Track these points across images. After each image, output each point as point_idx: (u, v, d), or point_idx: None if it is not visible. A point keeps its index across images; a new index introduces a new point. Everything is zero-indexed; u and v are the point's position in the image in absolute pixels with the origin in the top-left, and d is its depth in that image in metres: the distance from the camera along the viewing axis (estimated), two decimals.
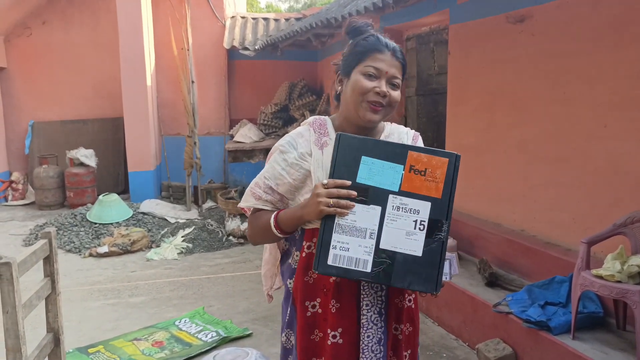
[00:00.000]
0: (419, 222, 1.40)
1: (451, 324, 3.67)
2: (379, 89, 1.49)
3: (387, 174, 1.41)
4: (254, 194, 1.61)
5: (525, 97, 3.69)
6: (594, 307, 2.94)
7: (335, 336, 1.52)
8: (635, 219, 2.72)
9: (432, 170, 1.40)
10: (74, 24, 8.66)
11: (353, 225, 1.39)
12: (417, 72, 5.53)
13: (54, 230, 2.43)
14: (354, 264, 1.39)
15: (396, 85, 1.53)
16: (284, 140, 1.62)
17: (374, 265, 1.39)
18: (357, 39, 1.57)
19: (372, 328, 1.52)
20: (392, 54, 1.53)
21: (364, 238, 1.39)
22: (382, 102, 1.51)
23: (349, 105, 1.55)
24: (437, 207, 1.40)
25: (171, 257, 5.77)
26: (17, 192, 8.50)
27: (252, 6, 17.94)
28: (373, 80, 1.51)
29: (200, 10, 8.45)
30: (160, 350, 3.54)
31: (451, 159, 1.41)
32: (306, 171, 1.55)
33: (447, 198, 1.41)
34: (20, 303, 2.00)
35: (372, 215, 1.40)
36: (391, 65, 1.52)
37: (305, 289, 1.56)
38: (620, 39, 2.95)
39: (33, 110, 8.70)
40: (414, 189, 1.40)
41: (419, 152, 1.42)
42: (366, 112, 1.51)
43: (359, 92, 1.51)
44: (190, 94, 7.62)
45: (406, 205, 1.40)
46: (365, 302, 1.52)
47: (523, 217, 3.77)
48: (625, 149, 2.95)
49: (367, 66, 1.51)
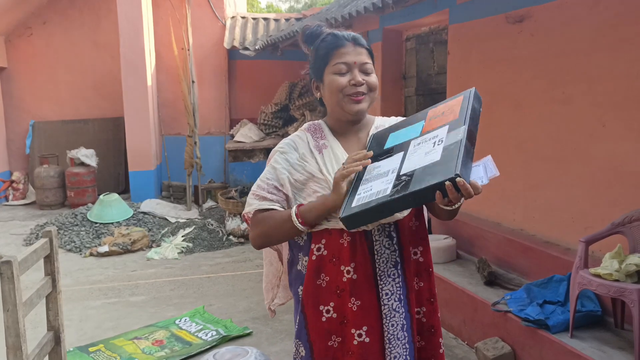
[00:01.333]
0: (438, 141, 1.36)
1: (450, 323, 3.68)
2: (354, 79, 1.51)
3: (409, 132, 1.49)
4: (258, 195, 1.56)
5: (524, 97, 3.70)
6: (592, 305, 2.95)
7: (360, 335, 1.48)
8: (634, 218, 2.73)
9: (449, 109, 1.44)
10: (74, 24, 8.67)
11: (377, 173, 1.42)
12: (417, 72, 5.54)
13: (54, 228, 2.45)
14: (375, 195, 1.34)
15: (370, 71, 1.56)
16: (284, 142, 1.61)
17: (393, 187, 1.33)
18: (315, 43, 1.59)
19: (394, 316, 1.49)
20: (353, 44, 1.55)
21: (387, 176, 1.39)
22: (362, 90, 1.53)
23: (334, 106, 1.57)
24: (454, 124, 1.37)
25: (171, 257, 5.78)
26: (18, 191, 8.51)
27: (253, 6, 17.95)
28: (345, 75, 1.53)
29: (201, 11, 8.46)
30: (161, 349, 3.56)
31: (466, 94, 1.44)
32: (307, 173, 1.54)
33: (465, 111, 1.37)
34: (20, 301, 2.01)
35: (394, 160, 1.42)
36: (357, 54, 1.54)
37: (317, 292, 1.52)
38: (620, 38, 2.96)
39: (34, 110, 8.72)
40: (433, 126, 1.43)
41: (438, 105, 1.50)
42: (351, 105, 1.53)
43: (337, 91, 1.53)
44: (191, 94, 7.63)
45: (425, 138, 1.42)
46: (385, 292, 1.50)
47: (522, 216, 3.77)
48: (624, 148, 2.96)
49: (335, 64, 1.53)
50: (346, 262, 1.49)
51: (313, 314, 1.53)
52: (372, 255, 1.50)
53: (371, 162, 1.47)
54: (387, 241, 1.51)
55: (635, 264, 2.54)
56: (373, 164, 1.46)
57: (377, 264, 1.50)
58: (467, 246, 4.18)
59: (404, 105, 5.77)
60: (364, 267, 1.49)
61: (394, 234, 1.52)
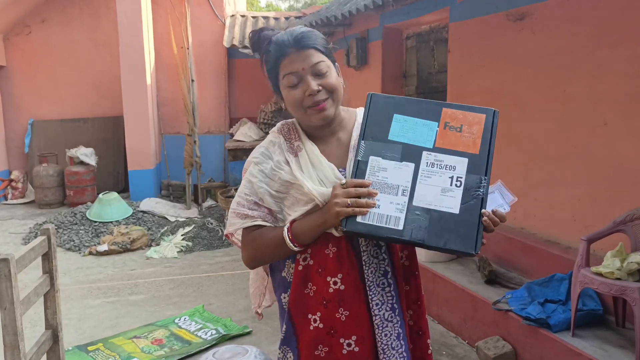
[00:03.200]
0: (456, 179, 1.30)
1: (451, 322, 3.66)
2: (309, 89, 1.40)
3: (420, 131, 1.34)
4: (239, 213, 1.48)
5: (525, 95, 3.69)
6: (594, 304, 2.93)
7: (350, 344, 1.43)
8: (635, 216, 2.72)
9: (468, 127, 1.34)
10: (73, 22, 8.66)
11: (384, 182, 1.31)
12: (417, 71, 5.53)
13: (52, 226, 2.43)
14: (384, 221, 1.28)
15: (323, 72, 1.42)
16: (257, 152, 1.53)
17: (406, 222, 1.28)
18: (262, 51, 1.50)
19: (387, 326, 1.44)
20: (296, 48, 1.41)
21: (396, 195, 1.30)
22: (321, 97, 1.41)
23: (300, 119, 1.50)
24: (474, 162, 1.31)
25: (171, 256, 5.76)
26: (17, 190, 8.49)
27: (252, 5, 17.93)
28: (298, 86, 1.41)
29: (200, 9, 8.45)
30: (160, 348, 3.54)
31: (489, 115, 1.35)
32: (285, 181, 1.45)
33: (486, 154, 1.32)
34: (18, 299, 2.00)
35: (404, 172, 1.32)
36: (303, 59, 1.41)
37: (305, 302, 1.46)
38: (621, 36, 2.95)
39: (33, 108, 8.70)
40: (450, 145, 1.33)
41: (454, 108, 1.36)
42: (314, 115, 1.43)
43: (296, 106, 1.43)
44: (190, 93, 7.62)
45: (441, 162, 1.32)
46: (375, 302, 1.44)
47: (523, 215, 3.76)
48: (625, 146, 2.95)
49: (284, 77, 1.43)
50: (332, 273, 1.43)
51: (302, 322, 1.48)
52: (360, 265, 1.44)
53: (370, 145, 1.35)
54: (375, 250, 1.45)
55: (637, 263, 2.53)
56: (377, 160, 1.34)
57: (365, 274, 1.44)
58: None
59: None
60: (352, 277, 1.43)
61: (382, 243, 1.45)
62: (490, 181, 1.33)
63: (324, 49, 1.46)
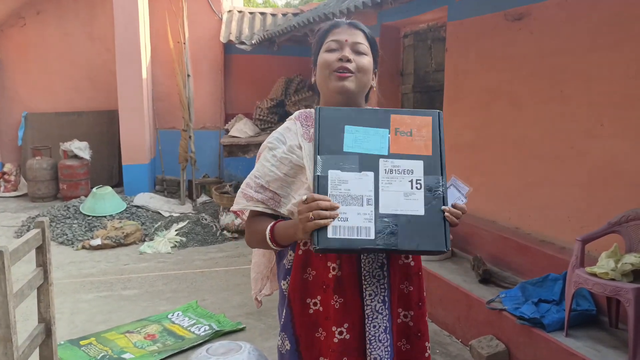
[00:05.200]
0: (415, 181, 1.36)
1: (445, 321, 3.67)
2: (342, 55, 1.50)
3: (373, 139, 1.38)
4: (245, 194, 1.54)
5: (522, 95, 3.69)
6: (587, 304, 2.94)
7: (342, 332, 1.46)
8: (630, 217, 2.73)
9: (417, 130, 1.40)
10: (69, 14, 8.58)
11: (348, 194, 1.33)
12: (414, 69, 5.52)
13: (47, 219, 2.41)
14: (356, 233, 1.31)
15: (362, 52, 1.53)
16: (272, 137, 1.58)
17: (377, 231, 1.31)
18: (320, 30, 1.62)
19: (377, 318, 1.47)
20: (349, 25, 1.55)
21: (362, 205, 1.33)
22: (349, 67, 1.50)
23: (322, 86, 1.56)
24: (430, 164, 1.38)
25: (165, 251, 5.74)
26: (10, 183, 8.43)
27: (250, 1, 17.88)
28: (335, 52, 1.52)
29: (197, 4, 8.40)
30: (153, 343, 3.53)
31: (434, 117, 1.42)
32: (296, 165, 1.49)
33: (438, 154, 1.39)
34: (11, 292, 1.98)
35: (365, 182, 1.35)
36: (350, 34, 1.53)
37: (304, 286, 1.50)
38: (618, 38, 2.96)
39: (27, 101, 8.63)
40: (404, 149, 1.38)
41: (402, 114, 1.41)
42: (336, 81, 1.50)
43: (325, 67, 1.52)
44: (186, 88, 7.58)
45: (398, 167, 1.37)
46: (369, 292, 1.47)
47: (518, 214, 3.77)
48: (622, 147, 2.96)
49: (327, 43, 1.54)
50: (332, 258, 1.47)
51: (300, 307, 1.51)
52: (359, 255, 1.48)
53: (327, 159, 1.35)
54: None
55: (631, 264, 2.54)
56: (337, 173, 1.35)
57: (362, 263, 1.47)
58: (462, 244, 4.17)
59: (400, 102, 5.76)
60: (349, 265, 1.47)
61: None
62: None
63: (371, 40, 1.59)
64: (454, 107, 4.47)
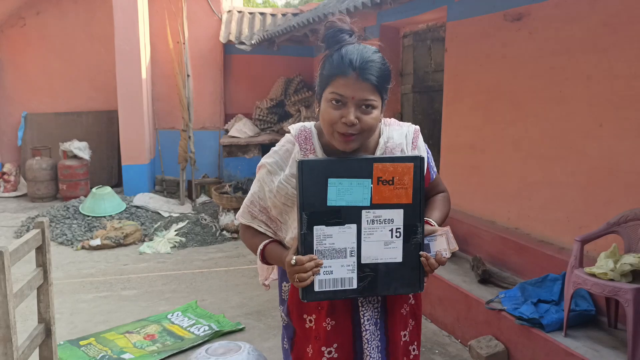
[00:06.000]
0: (395, 230, 1.42)
1: (444, 321, 3.67)
2: (346, 118, 1.38)
3: (356, 190, 1.40)
4: (251, 212, 1.63)
5: (521, 95, 3.70)
6: (586, 305, 2.95)
7: (330, 352, 1.54)
8: (629, 218, 2.73)
9: (399, 178, 1.41)
10: (68, 14, 8.58)
11: (332, 248, 1.41)
12: (414, 69, 5.53)
13: (46, 219, 2.41)
14: (340, 284, 1.41)
15: (370, 107, 1.40)
16: (272, 159, 1.57)
17: (359, 280, 1.42)
18: (330, 51, 1.46)
19: (373, 340, 1.53)
20: (357, 75, 1.38)
21: (345, 257, 1.41)
22: (352, 131, 1.40)
23: (325, 134, 1.48)
24: (409, 212, 1.42)
25: (164, 251, 5.75)
26: (9, 183, 8.43)
27: (249, 1, 17.88)
28: (339, 108, 1.40)
29: (197, 4, 8.40)
30: (152, 344, 3.53)
31: (416, 163, 1.41)
32: (292, 196, 1.50)
33: (418, 201, 1.42)
34: (11, 292, 1.98)
35: (348, 235, 1.41)
36: (357, 89, 1.38)
37: (301, 304, 1.56)
38: (617, 38, 2.96)
39: (26, 101, 8.63)
40: (385, 199, 1.41)
41: (384, 162, 1.41)
42: (339, 142, 1.43)
43: (328, 123, 1.42)
44: (186, 88, 7.58)
45: (380, 217, 1.41)
46: (367, 317, 1.53)
47: (517, 215, 3.77)
48: (621, 148, 2.96)
49: (331, 92, 1.40)
50: None
51: (298, 320, 1.60)
52: None
53: (312, 215, 1.39)
54: None
55: (630, 264, 2.54)
56: (321, 228, 1.39)
57: None
58: (462, 244, 4.17)
59: (400, 102, 5.76)
60: None
61: None
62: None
63: (383, 87, 1.44)
64: (454, 107, 4.47)
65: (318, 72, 1.51)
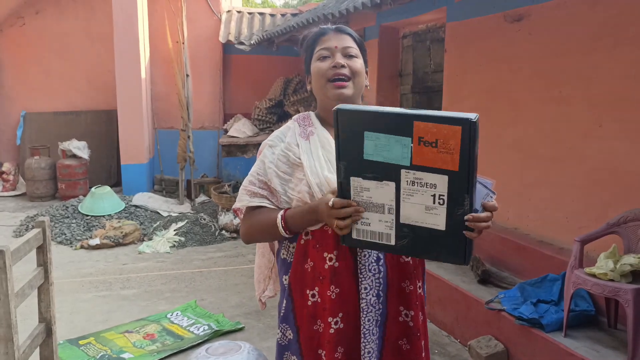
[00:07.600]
0: (438, 197, 1.27)
1: (443, 321, 3.68)
2: (335, 61, 1.54)
3: (394, 148, 1.27)
4: (249, 191, 1.58)
5: (521, 96, 3.70)
6: (586, 305, 2.95)
7: (337, 322, 1.50)
8: (629, 218, 2.74)
9: (444, 141, 1.22)
10: (68, 14, 8.58)
11: (370, 201, 1.32)
12: (413, 70, 5.53)
13: (47, 219, 2.41)
14: (377, 238, 1.35)
15: (353, 55, 1.57)
16: (273, 135, 1.64)
17: (397, 238, 1.33)
18: (303, 40, 1.66)
19: (371, 311, 1.49)
20: (335, 30, 1.60)
21: (383, 213, 1.32)
22: (344, 73, 1.54)
23: (319, 94, 1.59)
24: (455, 180, 1.25)
25: (163, 251, 5.74)
26: (8, 183, 8.42)
27: (248, 1, 17.88)
28: (327, 60, 1.56)
29: (196, 4, 8.40)
30: (152, 343, 3.53)
31: (464, 127, 1.20)
32: (293, 163, 1.54)
33: (466, 171, 1.23)
34: (13, 292, 1.98)
35: (386, 192, 1.30)
36: (339, 40, 1.58)
37: (304, 277, 1.53)
38: (617, 39, 2.97)
39: (25, 100, 8.62)
40: (427, 162, 1.25)
41: (427, 121, 1.23)
42: (332, 90, 1.54)
43: (320, 76, 1.55)
44: (185, 88, 7.58)
45: (421, 180, 1.27)
46: (364, 285, 1.49)
47: (517, 215, 3.78)
48: (620, 149, 2.97)
49: (317, 51, 1.58)
50: (329, 249, 1.50)
51: (300, 298, 1.55)
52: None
53: (348, 165, 1.32)
54: None
55: (630, 264, 2.55)
56: (358, 180, 1.32)
57: (358, 257, 1.50)
58: None
59: (399, 102, 5.77)
60: (345, 256, 1.50)
61: None
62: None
63: (359, 42, 1.63)
64: (453, 107, 4.48)
65: (303, 53, 1.66)
